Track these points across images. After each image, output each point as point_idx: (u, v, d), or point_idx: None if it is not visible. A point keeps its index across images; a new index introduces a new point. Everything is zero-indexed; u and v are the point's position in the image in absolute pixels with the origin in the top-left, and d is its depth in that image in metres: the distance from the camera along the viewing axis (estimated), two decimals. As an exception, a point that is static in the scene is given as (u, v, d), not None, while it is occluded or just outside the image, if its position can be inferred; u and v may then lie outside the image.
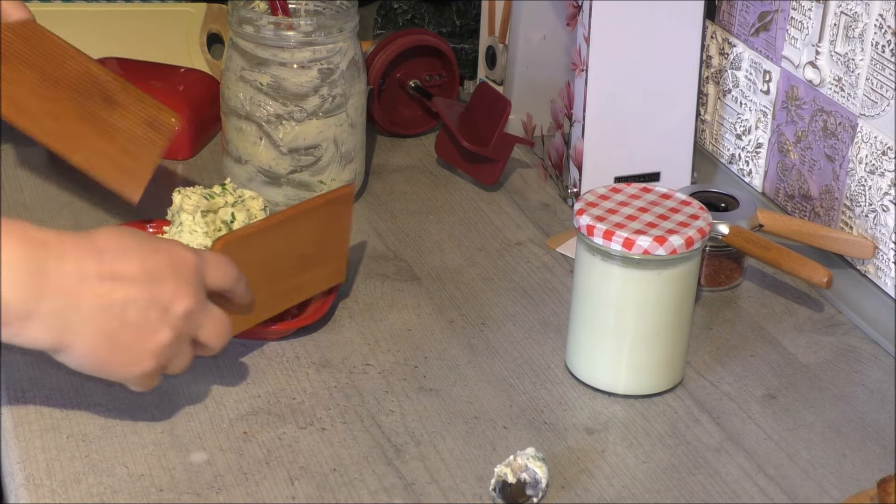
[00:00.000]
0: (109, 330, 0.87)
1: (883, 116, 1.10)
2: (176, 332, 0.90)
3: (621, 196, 1.03)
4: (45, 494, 0.90)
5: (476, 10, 1.51)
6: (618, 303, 1.00)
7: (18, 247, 0.84)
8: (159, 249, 0.90)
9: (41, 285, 0.85)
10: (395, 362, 1.06)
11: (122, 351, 0.88)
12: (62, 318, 0.86)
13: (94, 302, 0.86)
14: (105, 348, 0.88)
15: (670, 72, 1.25)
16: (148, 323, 0.89)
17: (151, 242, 0.91)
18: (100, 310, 0.87)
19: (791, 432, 1.00)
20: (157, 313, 0.89)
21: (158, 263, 0.89)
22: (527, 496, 0.90)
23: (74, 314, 0.86)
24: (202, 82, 1.40)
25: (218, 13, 1.53)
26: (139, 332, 0.88)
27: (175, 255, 0.91)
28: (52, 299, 0.85)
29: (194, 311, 0.91)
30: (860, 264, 1.15)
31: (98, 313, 0.87)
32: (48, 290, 0.85)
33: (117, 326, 0.87)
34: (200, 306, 0.92)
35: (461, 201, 1.31)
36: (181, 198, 1.11)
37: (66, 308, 0.85)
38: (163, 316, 0.89)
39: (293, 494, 0.91)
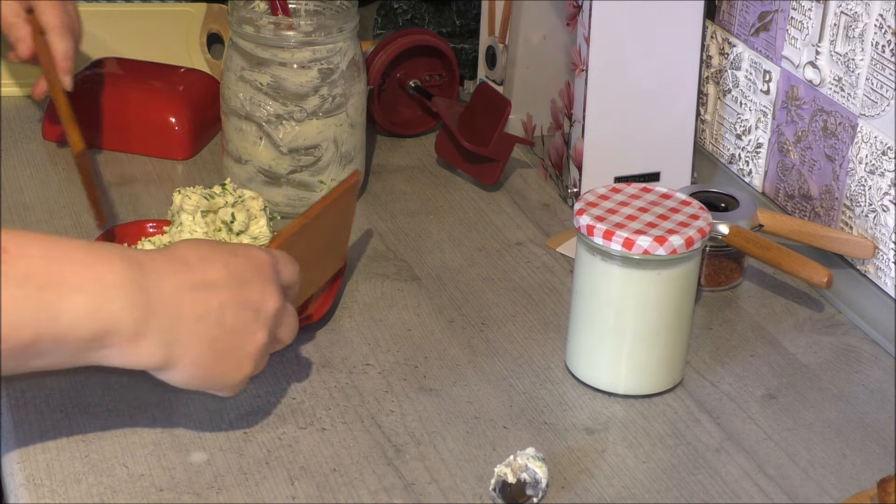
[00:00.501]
0: (213, 338, 0.88)
1: (883, 116, 1.10)
2: (269, 331, 0.91)
3: (621, 196, 1.03)
4: (45, 494, 0.90)
5: (476, 10, 1.51)
6: (618, 303, 1.00)
7: (121, 268, 0.85)
8: (237, 253, 0.92)
9: (149, 302, 0.85)
10: (395, 362, 1.06)
11: (225, 358, 0.89)
12: (170, 333, 0.86)
13: (194, 312, 0.87)
14: (210, 358, 0.89)
15: (670, 72, 1.25)
16: (246, 325, 0.90)
17: (227, 247, 0.92)
18: (201, 319, 0.88)
19: (791, 432, 1.00)
20: (251, 314, 0.90)
21: (240, 266, 0.91)
22: (527, 496, 0.90)
23: (180, 327, 0.87)
24: (202, 82, 1.40)
25: (218, 13, 1.53)
26: (238, 335, 0.90)
27: (253, 256, 0.92)
28: (160, 315, 0.86)
29: (280, 309, 0.92)
30: (860, 264, 1.15)
31: (200, 323, 0.88)
32: (155, 306, 0.86)
33: (219, 333, 0.89)
34: (283, 304, 0.93)
35: (461, 201, 1.31)
36: (181, 198, 1.11)
37: (173, 322, 0.86)
38: (256, 317, 0.90)
39: (293, 494, 0.91)
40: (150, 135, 1.35)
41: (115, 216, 1.24)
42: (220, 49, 1.53)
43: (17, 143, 1.36)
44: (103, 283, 0.84)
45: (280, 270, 0.94)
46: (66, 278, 0.82)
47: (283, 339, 0.95)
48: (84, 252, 0.84)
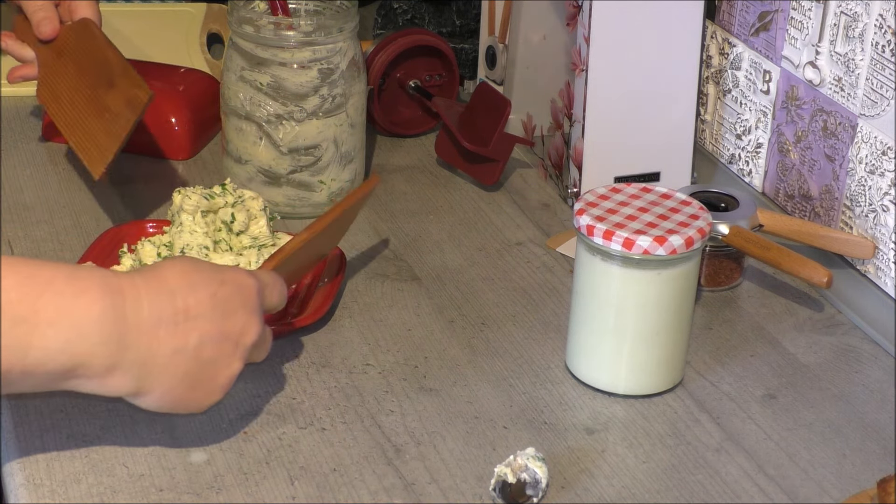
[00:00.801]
0: (186, 371, 0.89)
1: (883, 116, 1.10)
2: (244, 360, 0.92)
3: (621, 196, 1.03)
4: (45, 494, 0.90)
5: (476, 10, 1.51)
6: (618, 303, 1.00)
7: (100, 298, 0.84)
8: (226, 281, 0.91)
9: (124, 336, 0.85)
10: (395, 362, 1.06)
11: (197, 388, 0.90)
12: (143, 367, 0.87)
13: (172, 344, 0.87)
14: (182, 388, 0.89)
15: (670, 72, 1.25)
16: (222, 358, 0.90)
17: (217, 274, 0.91)
18: (177, 352, 0.88)
19: (791, 432, 1.00)
20: (230, 347, 0.91)
21: (227, 296, 0.90)
22: (527, 496, 0.90)
23: (154, 361, 0.87)
24: (202, 82, 1.40)
25: (218, 13, 1.53)
26: (213, 367, 0.90)
27: (241, 284, 0.92)
28: (134, 349, 0.86)
29: (260, 337, 0.93)
30: (860, 264, 1.15)
31: (176, 356, 0.88)
32: (130, 340, 0.85)
33: (194, 366, 0.89)
34: (263, 331, 0.94)
35: (461, 201, 1.31)
36: (181, 198, 1.11)
37: (147, 355, 0.86)
38: (234, 350, 0.91)
39: (293, 494, 0.91)
40: (150, 135, 1.35)
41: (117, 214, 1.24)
42: (220, 49, 1.53)
43: (17, 143, 1.36)
44: (79, 317, 0.83)
45: (266, 295, 0.94)
46: (41, 312, 0.82)
47: (255, 360, 0.95)
48: (65, 282, 0.83)
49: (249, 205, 1.13)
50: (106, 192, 1.29)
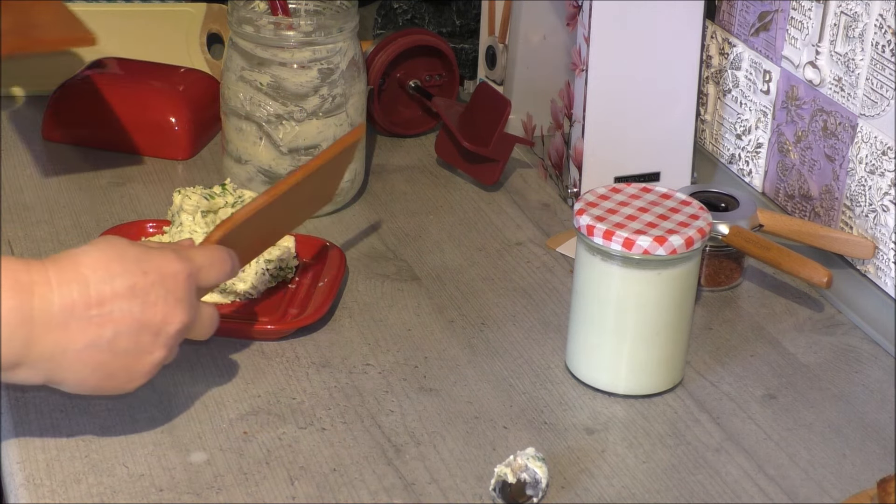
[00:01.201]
0: (100, 363, 0.88)
1: (883, 116, 1.10)
2: (168, 348, 0.91)
3: (621, 196, 1.03)
4: (45, 494, 0.90)
5: (476, 10, 1.51)
6: (618, 303, 1.00)
7: (9, 297, 0.83)
8: (148, 272, 0.88)
9: (30, 335, 0.85)
10: (395, 362, 1.06)
11: (114, 376, 0.89)
12: (51, 362, 0.86)
13: (84, 338, 0.86)
14: (95, 379, 0.89)
15: (670, 72, 1.25)
16: (139, 347, 0.89)
17: (140, 263, 0.88)
18: (89, 346, 0.87)
19: (791, 432, 1.00)
20: (149, 337, 0.89)
21: (147, 286, 0.88)
22: (527, 496, 0.90)
23: (64, 356, 0.86)
24: (202, 82, 1.40)
25: (218, 13, 1.53)
26: (130, 357, 0.89)
27: (165, 273, 0.89)
28: (41, 346, 0.85)
29: (187, 324, 0.91)
30: (860, 264, 1.15)
31: (88, 350, 0.87)
32: (36, 338, 0.85)
33: (108, 358, 0.88)
34: (192, 317, 0.92)
35: (461, 201, 1.31)
36: (181, 198, 1.11)
37: (55, 351, 0.86)
38: (155, 338, 0.89)
39: (293, 494, 0.91)
40: (150, 135, 1.35)
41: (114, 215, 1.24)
42: (220, 49, 1.53)
43: (17, 143, 1.36)
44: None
45: (202, 277, 0.92)
46: None
47: (197, 338, 0.94)
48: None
49: None
50: (106, 192, 1.29)
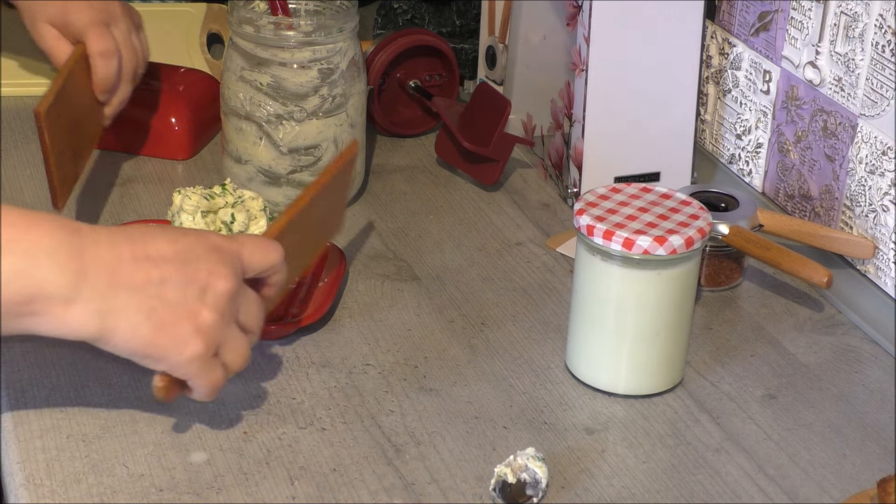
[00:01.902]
0: (150, 309, 0.86)
1: (883, 116, 1.10)
2: (218, 312, 0.88)
3: (621, 196, 1.03)
4: (45, 494, 0.90)
5: (476, 10, 1.51)
6: (618, 303, 1.00)
7: (54, 233, 0.83)
8: (188, 233, 0.90)
9: (81, 269, 0.84)
10: (395, 362, 1.06)
11: (165, 331, 0.87)
12: (103, 302, 0.84)
13: (132, 281, 0.85)
14: (148, 328, 0.86)
15: (670, 72, 1.25)
16: (187, 302, 0.87)
17: (179, 228, 0.91)
18: (139, 290, 0.85)
19: (791, 432, 1.00)
20: (196, 292, 0.87)
21: (189, 244, 0.89)
22: (527, 496, 0.90)
23: (115, 296, 0.85)
24: (202, 82, 1.40)
25: (218, 13, 1.53)
26: (180, 311, 0.87)
27: (207, 238, 0.90)
28: (93, 282, 0.84)
29: (233, 291, 0.89)
30: (860, 264, 1.15)
31: (137, 293, 0.85)
32: (88, 272, 0.84)
33: (157, 305, 0.86)
34: (240, 287, 0.90)
35: (461, 201, 1.31)
36: (181, 198, 1.11)
37: (107, 290, 0.84)
38: (202, 295, 0.88)
39: (293, 494, 0.91)
40: (150, 135, 1.35)
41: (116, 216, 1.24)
42: (220, 49, 1.53)
43: (17, 143, 1.36)
44: (33, 246, 0.82)
45: (246, 258, 0.91)
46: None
47: (245, 325, 0.92)
48: (18, 216, 0.83)
49: (249, 205, 1.13)
50: (106, 192, 1.29)
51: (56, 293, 0.83)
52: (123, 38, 1.23)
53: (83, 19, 1.20)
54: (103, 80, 1.21)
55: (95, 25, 1.21)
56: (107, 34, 1.21)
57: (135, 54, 1.24)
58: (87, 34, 1.20)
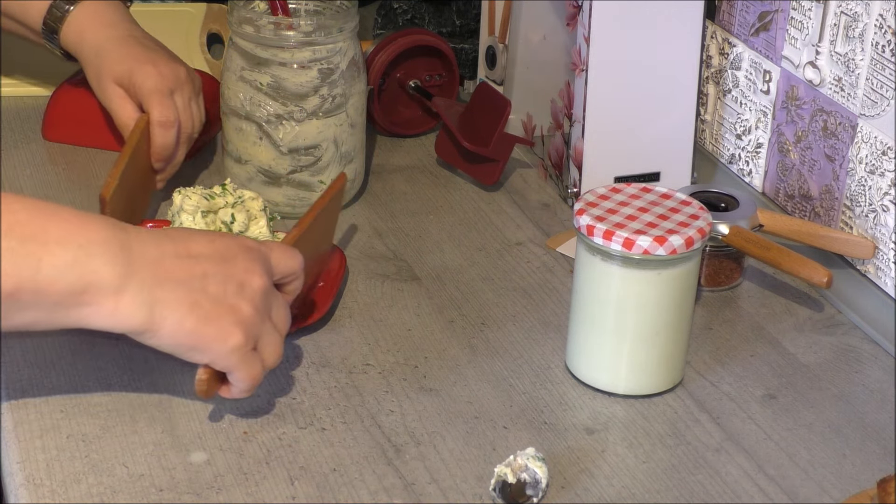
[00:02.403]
0: (194, 301, 0.90)
1: (883, 116, 1.10)
2: (254, 307, 0.92)
3: (621, 196, 1.03)
4: (45, 494, 0.90)
5: (476, 10, 1.51)
6: (618, 303, 1.00)
7: (105, 229, 0.88)
8: (224, 235, 0.95)
9: (130, 261, 0.88)
10: (395, 362, 1.06)
11: (209, 322, 0.90)
12: (151, 293, 0.88)
13: (177, 275, 0.90)
14: (193, 320, 0.90)
15: (670, 72, 1.25)
16: (227, 296, 0.91)
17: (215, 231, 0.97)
18: (182, 283, 0.90)
19: (791, 432, 1.00)
20: (235, 287, 0.92)
21: (226, 243, 0.93)
22: (527, 496, 0.90)
23: (161, 289, 0.89)
24: (202, 82, 1.40)
25: (218, 13, 1.53)
26: (221, 304, 0.91)
27: (241, 240, 0.95)
28: (141, 275, 0.88)
29: (267, 288, 0.94)
30: (860, 264, 1.15)
31: (181, 287, 0.90)
32: (137, 266, 0.88)
33: (200, 298, 0.90)
34: (271, 286, 0.95)
35: (461, 201, 1.31)
36: (181, 198, 1.11)
37: (154, 282, 0.88)
38: (240, 290, 0.92)
39: (293, 494, 0.91)
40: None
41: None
42: (220, 49, 1.53)
43: (17, 143, 1.36)
44: (85, 238, 0.87)
45: (273, 261, 0.96)
46: (50, 231, 0.86)
47: (277, 325, 0.95)
48: (70, 212, 0.88)
49: (249, 205, 1.13)
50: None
51: (108, 284, 0.87)
52: (184, 105, 1.24)
53: (148, 86, 1.22)
54: (161, 149, 1.23)
55: (159, 93, 1.22)
56: (169, 103, 1.23)
57: (192, 121, 1.25)
58: (150, 102, 1.22)
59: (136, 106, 1.24)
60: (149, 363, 1.03)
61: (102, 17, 1.27)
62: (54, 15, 1.26)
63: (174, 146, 1.24)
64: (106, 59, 1.24)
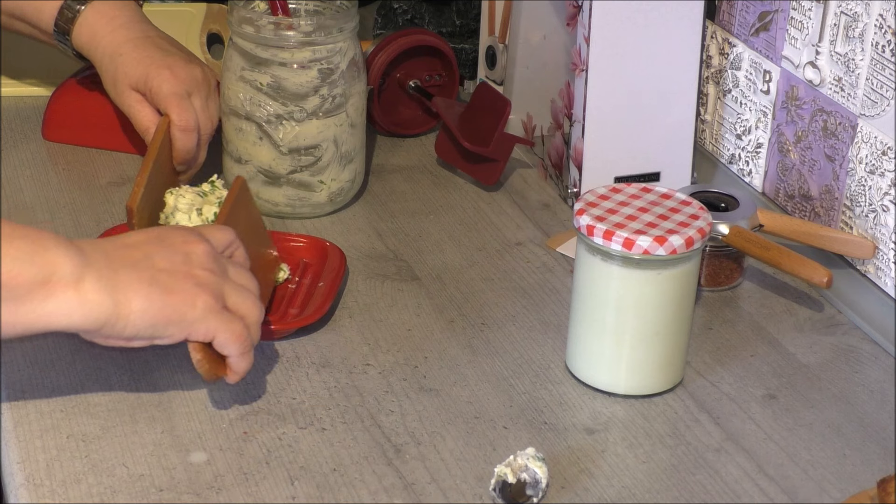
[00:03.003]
0: (151, 276, 0.92)
1: (883, 116, 1.10)
2: (208, 269, 0.94)
3: (621, 196, 1.03)
4: (45, 494, 0.90)
5: (476, 10, 1.51)
6: (618, 303, 1.00)
7: (54, 235, 0.91)
8: (153, 228, 0.98)
9: (82, 252, 0.90)
10: (395, 362, 1.06)
11: (172, 292, 0.92)
12: (109, 279, 0.90)
13: (126, 261, 0.92)
14: (157, 294, 0.92)
15: (670, 72, 1.25)
16: (177, 266, 0.93)
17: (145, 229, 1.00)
18: (134, 266, 0.92)
19: (791, 432, 1.00)
20: (181, 257, 0.94)
21: (156, 231, 0.97)
22: (527, 496, 0.90)
23: (116, 274, 0.91)
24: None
25: (218, 13, 1.53)
26: (176, 273, 0.93)
27: (168, 227, 0.98)
28: (96, 263, 0.90)
29: (212, 252, 0.96)
30: (860, 264, 1.15)
31: (134, 269, 0.92)
32: (90, 256, 0.90)
33: (155, 273, 0.92)
34: (216, 252, 0.96)
35: (461, 201, 1.31)
36: (174, 198, 1.12)
37: (108, 270, 0.91)
38: (187, 259, 0.94)
39: (293, 494, 0.91)
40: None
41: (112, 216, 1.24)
42: (220, 49, 1.53)
43: (17, 143, 1.36)
44: (37, 234, 0.90)
45: (208, 236, 0.98)
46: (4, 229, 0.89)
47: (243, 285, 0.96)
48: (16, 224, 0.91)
49: None
50: (106, 192, 1.29)
51: (68, 273, 0.89)
52: (202, 106, 1.24)
53: (165, 90, 1.22)
54: (184, 152, 1.22)
55: (177, 97, 1.22)
56: (188, 106, 1.22)
57: (211, 121, 1.25)
58: (168, 106, 1.22)
59: (154, 110, 1.23)
60: (149, 363, 1.03)
61: (114, 17, 1.26)
62: (65, 16, 1.26)
63: (196, 150, 1.23)
64: (121, 65, 1.24)
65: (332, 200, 1.25)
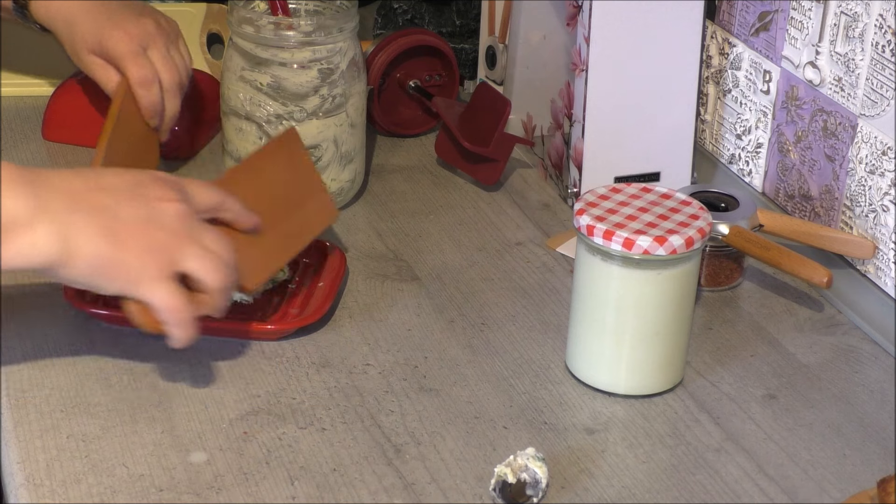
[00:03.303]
0: (108, 227, 0.92)
1: (883, 116, 1.10)
2: (171, 231, 0.94)
3: (621, 196, 1.03)
4: (45, 494, 0.90)
5: (476, 10, 1.51)
6: (618, 303, 1.00)
7: (7, 171, 0.90)
8: (133, 171, 0.97)
9: (39, 194, 0.90)
10: (395, 362, 1.06)
11: (124, 248, 0.92)
12: (63, 225, 0.90)
13: (88, 206, 0.92)
14: (106, 246, 0.92)
15: (670, 72, 1.25)
16: (143, 221, 0.93)
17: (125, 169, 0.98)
18: (95, 212, 0.92)
19: (791, 432, 1.00)
20: (148, 211, 0.94)
21: (137, 175, 0.96)
22: (527, 496, 0.90)
23: (73, 219, 0.91)
24: (202, 82, 1.40)
25: (218, 13, 1.53)
26: (136, 227, 0.93)
27: (151, 172, 0.97)
28: (52, 208, 0.90)
29: (185, 213, 0.95)
30: (860, 264, 1.15)
31: (95, 216, 0.92)
32: (48, 199, 0.90)
33: (115, 224, 0.92)
34: (190, 212, 0.96)
35: (461, 201, 1.31)
36: None
37: (65, 214, 0.91)
38: (152, 215, 0.94)
39: (293, 494, 0.91)
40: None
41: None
42: (220, 49, 1.53)
43: (17, 143, 1.36)
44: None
45: (190, 192, 0.97)
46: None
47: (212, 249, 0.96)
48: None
49: None
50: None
51: (18, 219, 0.89)
52: (161, 57, 1.24)
53: (119, 49, 1.22)
54: (148, 107, 1.24)
55: (132, 54, 1.22)
56: (144, 62, 1.22)
57: (175, 70, 1.25)
58: (124, 64, 1.22)
59: (117, 70, 1.24)
60: (149, 363, 1.03)
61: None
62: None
63: (160, 101, 1.24)
64: (77, 32, 1.24)
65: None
